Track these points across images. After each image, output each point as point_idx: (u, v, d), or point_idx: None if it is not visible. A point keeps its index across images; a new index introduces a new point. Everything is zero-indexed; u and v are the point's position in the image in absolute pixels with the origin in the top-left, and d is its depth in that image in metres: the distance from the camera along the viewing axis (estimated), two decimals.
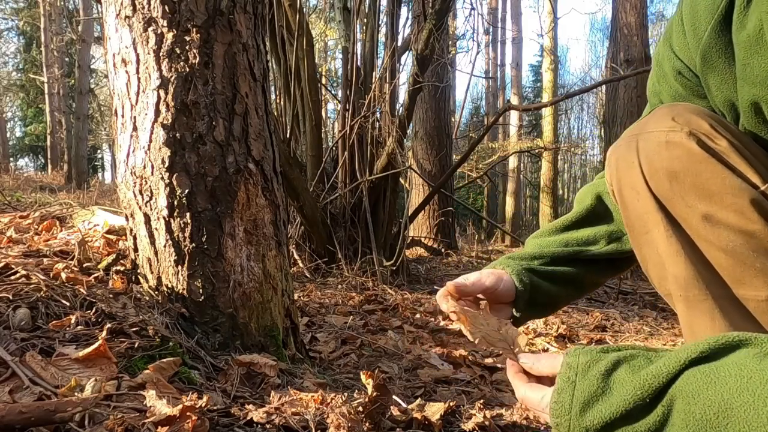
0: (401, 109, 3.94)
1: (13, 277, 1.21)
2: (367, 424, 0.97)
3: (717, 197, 0.79)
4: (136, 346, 1.08)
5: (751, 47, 0.76)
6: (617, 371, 0.58)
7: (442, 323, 2.52)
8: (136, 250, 1.35)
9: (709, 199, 0.80)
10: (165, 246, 1.29)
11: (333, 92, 7.20)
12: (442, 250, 6.10)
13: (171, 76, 1.29)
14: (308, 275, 3.49)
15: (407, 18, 4.68)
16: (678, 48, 0.90)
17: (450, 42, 6.90)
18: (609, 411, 0.56)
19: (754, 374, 0.50)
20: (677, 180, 0.81)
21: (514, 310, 0.93)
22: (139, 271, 1.35)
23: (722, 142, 0.80)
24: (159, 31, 1.29)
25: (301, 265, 3.63)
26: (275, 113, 3.93)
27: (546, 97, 13.36)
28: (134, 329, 1.12)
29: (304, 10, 3.82)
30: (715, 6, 0.82)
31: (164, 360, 1.06)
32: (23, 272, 1.23)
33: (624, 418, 0.56)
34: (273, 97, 4.01)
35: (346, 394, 1.06)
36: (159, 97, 1.29)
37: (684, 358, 0.54)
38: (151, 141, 1.29)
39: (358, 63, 4.02)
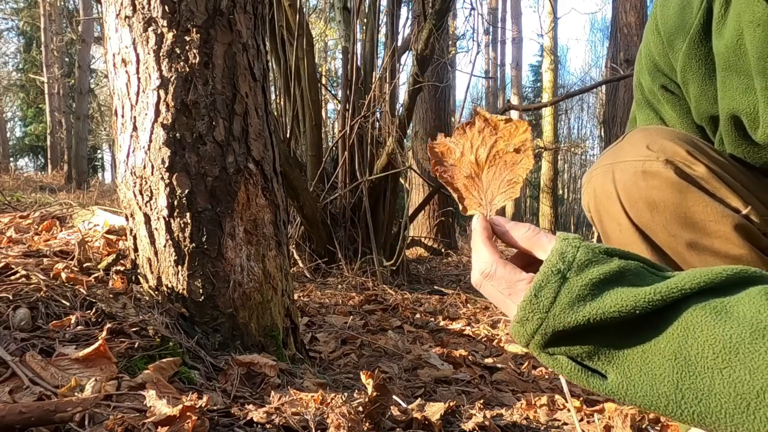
0: (401, 109, 3.94)
1: (13, 277, 1.21)
2: (367, 424, 0.97)
3: (700, 225, 0.78)
4: (136, 346, 1.08)
5: (729, 58, 0.75)
6: (617, 284, 0.50)
7: (441, 323, 2.52)
8: (136, 250, 1.35)
9: (692, 227, 0.79)
10: (165, 246, 1.29)
11: (333, 92, 7.20)
12: (442, 250, 6.10)
13: (171, 76, 1.29)
14: (308, 275, 3.49)
15: (407, 18, 4.68)
16: (658, 58, 0.89)
17: (450, 42, 6.89)
18: (593, 315, 0.48)
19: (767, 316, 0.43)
20: (657, 210, 0.80)
21: None
22: (139, 271, 1.35)
23: (700, 168, 0.79)
24: (159, 31, 1.29)
25: (301, 265, 3.63)
26: (275, 113, 3.93)
27: (546, 97, 13.37)
28: (134, 329, 1.12)
29: (304, 10, 3.82)
30: (692, 14, 0.80)
31: (164, 360, 1.06)
32: (23, 272, 1.23)
33: (605, 329, 0.49)
34: (273, 97, 4.01)
35: (346, 394, 1.06)
36: (159, 97, 1.29)
37: (690, 284, 0.47)
38: (151, 141, 1.29)
39: (358, 63, 4.02)
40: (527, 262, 0.59)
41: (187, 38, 1.30)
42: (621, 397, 0.49)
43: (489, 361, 1.89)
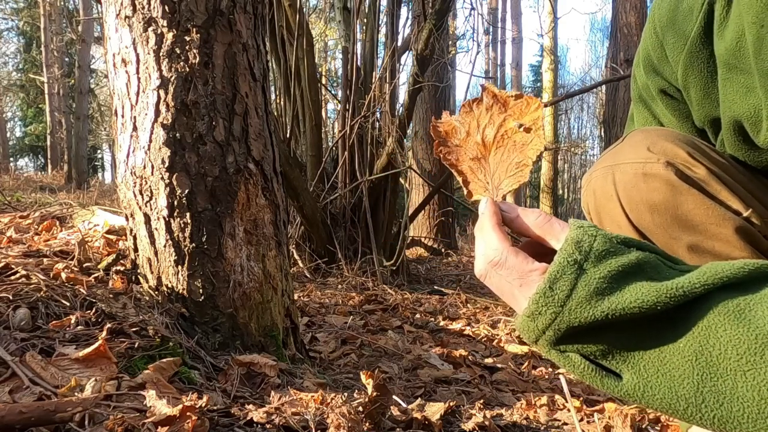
0: (401, 109, 3.94)
1: (13, 277, 1.21)
2: (367, 424, 0.97)
3: (701, 227, 0.78)
4: (136, 346, 1.08)
5: (729, 60, 0.74)
6: (636, 277, 0.47)
7: (442, 323, 2.52)
8: (136, 250, 1.35)
9: (693, 229, 0.78)
10: (165, 246, 1.29)
11: (333, 92, 7.20)
12: (442, 250, 6.10)
13: (171, 76, 1.29)
14: (308, 275, 3.49)
15: (407, 18, 4.68)
16: (657, 62, 0.89)
17: (450, 42, 6.89)
18: (612, 310, 0.45)
19: None
20: (658, 212, 0.79)
21: None
22: (139, 271, 1.35)
23: (701, 170, 0.79)
24: (159, 31, 1.29)
25: (301, 265, 3.63)
26: (275, 113, 3.93)
27: (546, 97, 13.37)
28: (134, 329, 1.12)
29: (304, 10, 3.82)
30: (693, 17, 0.79)
31: (164, 360, 1.06)
32: (23, 272, 1.23)
33: (622, 326, 0.47)
34: (273, 97, 4.01)
35: (346, 394, 1.06)
36: (159, 97, 1.29)
37: (713, 279, 0.45)
38: (151, 141, 1.29)
39: (358, 63, 4.02)
40: (537, 251, 0.55)
41: (187, 38, 1.30)
42: (638, 399, 0.47)
43: (489, 361, 1.89)
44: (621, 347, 0.47)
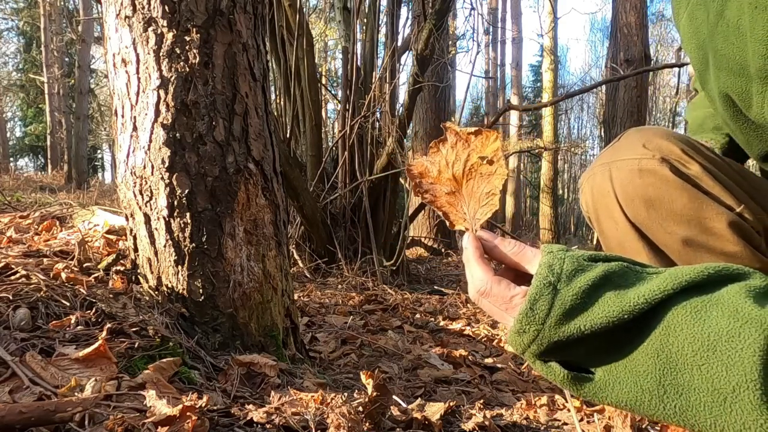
0: (401, 109, 3.94)
1: (13, 277, 1.21)
2: (367, 424, 0.97)
3: (695, 222, 0.80)
4: (136, 346, 1.08)
5: (728, 37, 0.76)
6: (605, 288, 0.52)
7: (441, 323, 2.52)
8: (136, 250, 1.35)
9: (687, 224, 0.81)
10: (165, 246, 1.29)
11: (333, 92, 7.20)
12: (442, 250, 6.10)
13: (171, 76, 1.29)
14: (308, 275, 3.49)
15: (407, 18, 4.68)
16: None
17: (450, 42, 6.89)
18: (585, 325, 0.51)
19: (744, 314, 0.45)
20: (654, 207, 0.82)
21: None
22: (139, 271, 1.35)
23: (694, 167, 0.81)
24: (159, 31, 1.29)
25: (301, 265, 3.63)
26: (275, 113, 3.93)
27: (546, 97, 13.37)
28: (134, 329, 1.12)
29: (304, 10, 3.82)
30: None
31: (164, 360, 1.06)
32: (23, 272, 1.23)
33: (596, 336, 0.52)
34: (273, 97, 4.01)
35: (346, 394, 1.06)
36: (159, 97, 1.29)
37: (673, 284, 0.50)
38: (151, 141, 1.29)
39: (358, 63, 4.02)
40: (517, 273, 0.62)
41: (187, 38, 1.30)
42: (607, 394, 0.52)
43: (489, 361, 1.89)
44: (595, 351, 0.53)
